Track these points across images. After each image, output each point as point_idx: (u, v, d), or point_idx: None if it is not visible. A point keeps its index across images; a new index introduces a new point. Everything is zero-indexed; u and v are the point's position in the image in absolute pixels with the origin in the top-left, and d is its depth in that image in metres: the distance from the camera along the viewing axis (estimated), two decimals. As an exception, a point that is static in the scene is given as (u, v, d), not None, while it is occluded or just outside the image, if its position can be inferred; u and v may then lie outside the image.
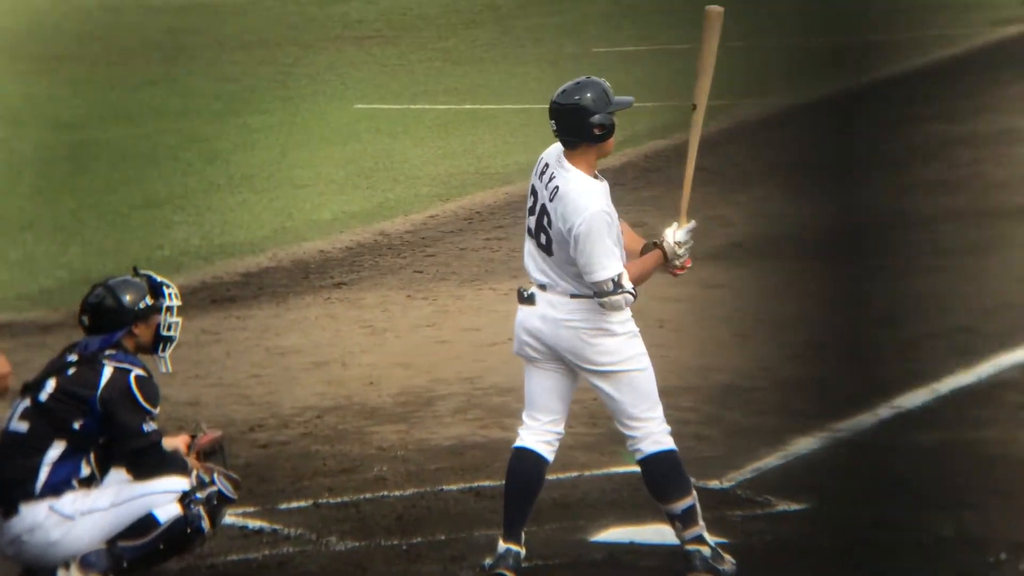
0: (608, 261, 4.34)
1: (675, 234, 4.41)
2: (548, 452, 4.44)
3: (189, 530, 4.28)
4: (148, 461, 4.30)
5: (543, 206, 4.38)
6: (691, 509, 4.38)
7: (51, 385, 4.33)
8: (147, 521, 4.26)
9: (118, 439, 4.29)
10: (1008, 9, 15.13)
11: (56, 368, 4.37)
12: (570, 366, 4.41)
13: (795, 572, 4.45)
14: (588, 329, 4.33)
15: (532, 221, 4.41)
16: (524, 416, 4.46)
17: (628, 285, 4.33)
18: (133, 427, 4.27)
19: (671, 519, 4.42)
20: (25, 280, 8.18)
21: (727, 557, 4.44)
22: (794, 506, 4.97)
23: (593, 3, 17.68)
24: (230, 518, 4.70)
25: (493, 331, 7.04)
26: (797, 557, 4.55)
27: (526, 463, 4.42)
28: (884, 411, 5.82)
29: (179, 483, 4.32)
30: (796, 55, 14.22)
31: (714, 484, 5.10)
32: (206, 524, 4.29)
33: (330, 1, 19.27)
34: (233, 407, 6.25)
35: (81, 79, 14.47)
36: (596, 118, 4.37)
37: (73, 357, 4.38)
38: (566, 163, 4.40)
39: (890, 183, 9.74)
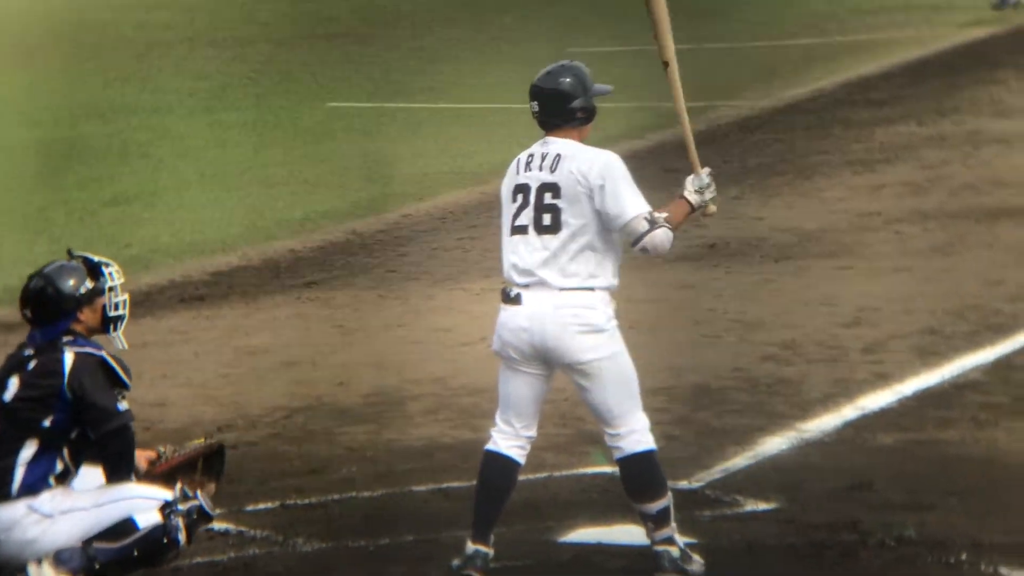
0: (637, 199, 4.34)
1: (693, 181, 4.43)
2: (520, 456, 4.45)
3: (166, 540, 4.23)
4: (119, 444, 4.21)
5: (543, 184, 4.35)
6: (665, 510, 4.39)
7: (14, 384, 4.26)
8: (126, 525, 4.21)
9: (92, 421, 4.21)
10: (974, 11, 15.33)
11: (15, 364, 4.28)
12: (552, 365, 4.38)
13: (763, 572, 4.48)
14: (575, 324, 4.31)
15: (527, 214, 4.36)
16: (498, 419, 4.45)
17: (661, 218, 4.34)
18: (108, 406, 4.17)
19: (644, 518, 4.42)
20: (-11, 278, 8.09)
21: (695, 557, 4.46)
22: (762, 506, 5.01)
23: (568, 4, 17.70)
24: (195, 519, 4.68)
25: (464, 331, 7.04)
26: (765, 557, 4.58)
27: (499, 467, 4.42)
28: (850, 412, 5.87)
29: (163, 492, 4.28)
30: (768, 58, 14.32)
31: (683, 484, 5.12)
32: (182, 536, 4.26)
33: (303, -3, 19.18)
34: (201, 408, 6.19)
35: (52, 75, 14.28)
36: (578, 102, 4.39)
37: (30, 351, 4.28)
38: (553, 138, 4.41)
39: (859, 184, 9.83)
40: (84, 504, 4.22)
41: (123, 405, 4.23)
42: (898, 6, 16.18)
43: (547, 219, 4.35)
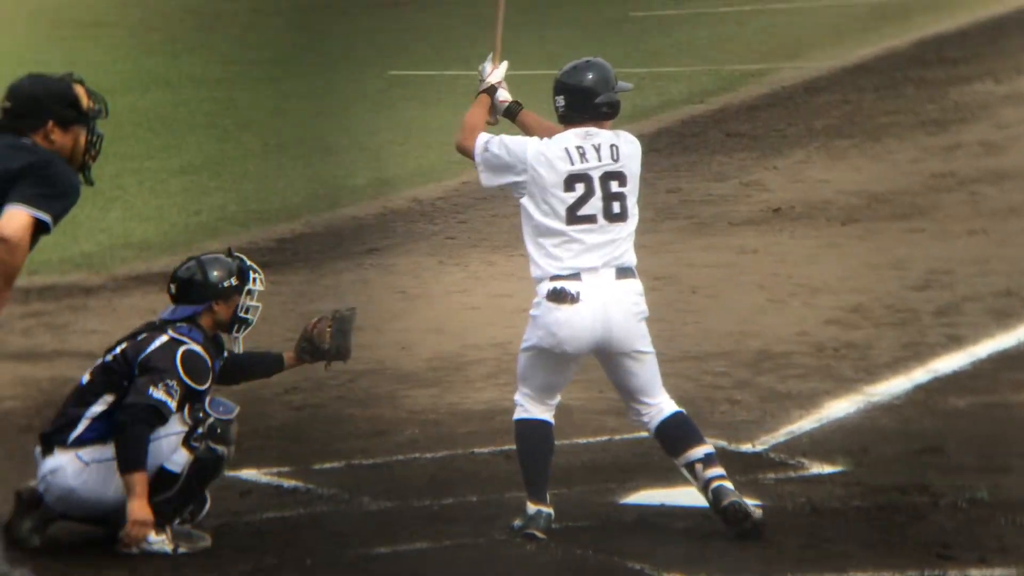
0: None
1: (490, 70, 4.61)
2: (552, 419, 4.52)
3: (209, 464, 4.35)
4: (128, 418, 4.26)
5: (607, 173, 4.41)
6: (712, 454, 4.41)
7: (121, 347, 4.44)
8: (164, 475, 4.33)
9: (130, 390, 4.31)
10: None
11: (132, 332, 4.49)
12: (604, 352, 4.42)
13: (828, 534, 4.41)
14: (636, 312, 4.41)
15: (594, 203, 4.40)
16: (525, 394, 4.48)
17: None
18: (143, 386, 4.30)
19: (691, 465, 4.40)
20: (67, 243, 8.24)
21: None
22: (828, 469, 4.93)
23: (630, -35, 17.42)
24: (266, 477, 4.79)
25: (523, 297, 6.96)
26: (830, 519, 4.52)
27: (538, 432, 4.49)
28: (920, 375, 5.75)
29: (174, 426, 4.35)
30: (837, 17, 13.90)
31: (747, 447, 5.08)
32: (221, 448, 4.35)
33: (365, -34, 19.19)
34: (269, 370, 6.36)
35: (121, 45, 14.47)
36: (602, 98, 4.44)
37: (153, 322, 4.48)
38: (595, 129, 4.46)
39: (932, 144, 9.53)
40: (111, 455, 4.29)
41: (160, 395, 4.29)
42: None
43: (616, 207, 4.39)
